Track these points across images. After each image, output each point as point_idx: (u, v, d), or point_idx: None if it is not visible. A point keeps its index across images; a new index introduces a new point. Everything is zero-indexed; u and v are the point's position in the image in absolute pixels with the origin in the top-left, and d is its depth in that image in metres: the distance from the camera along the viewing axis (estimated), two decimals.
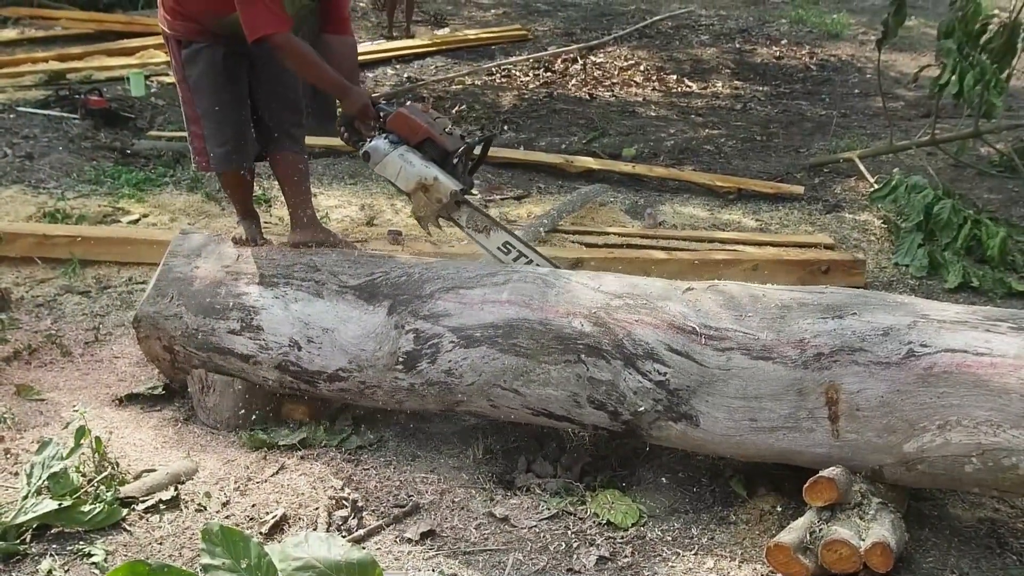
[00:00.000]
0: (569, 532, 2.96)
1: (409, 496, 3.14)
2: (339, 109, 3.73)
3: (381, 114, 3.62)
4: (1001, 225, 5.59)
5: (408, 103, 3.65)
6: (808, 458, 2.86)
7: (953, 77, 5.80)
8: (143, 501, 3.04)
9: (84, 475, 3.06)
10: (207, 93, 3.66)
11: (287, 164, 3.88)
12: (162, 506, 3.04)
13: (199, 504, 3.09)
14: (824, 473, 2.72)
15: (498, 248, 3.64)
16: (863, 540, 2.58)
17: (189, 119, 3.76)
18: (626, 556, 2.84)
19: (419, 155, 3.54)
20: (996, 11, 6.74)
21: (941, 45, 6.11)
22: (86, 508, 2.90)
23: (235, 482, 3.21)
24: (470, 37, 11.23)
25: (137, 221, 5.66)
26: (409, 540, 2.91)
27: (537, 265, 3.55)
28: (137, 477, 3.18)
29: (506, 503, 3.11)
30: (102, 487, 3.01)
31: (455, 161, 3.58)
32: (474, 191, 3.77)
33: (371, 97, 3.67)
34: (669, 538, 2.94)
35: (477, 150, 3.76)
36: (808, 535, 2.67)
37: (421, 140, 3.55)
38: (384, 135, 3.58)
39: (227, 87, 3.66)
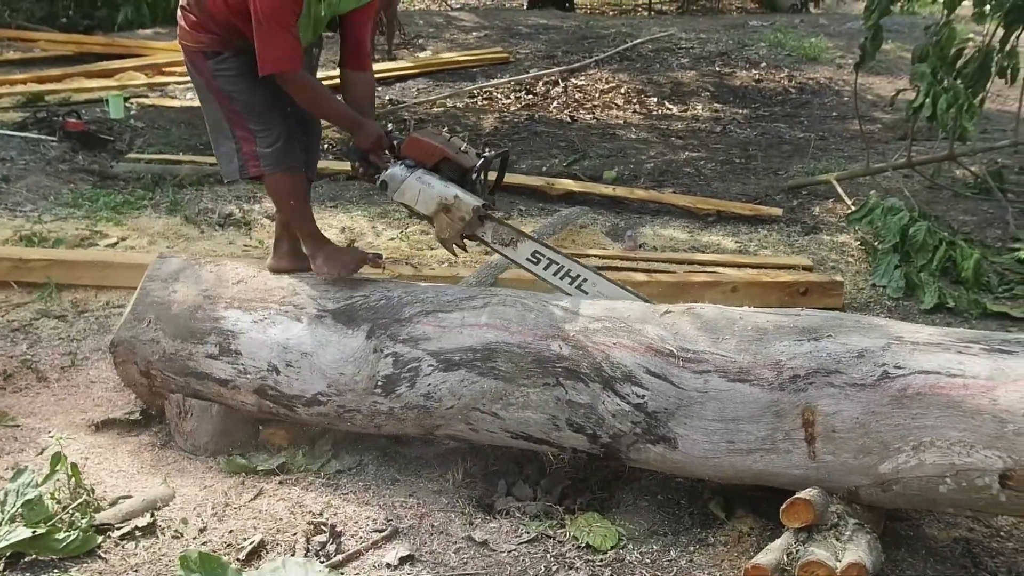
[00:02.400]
0: (548, 556, 2.96)
1: (388, 520, 3.13)
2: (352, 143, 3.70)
3: (394, 142, 3.61)
4: (976, 247, 5.65)
5: (419, 128, 3.63)
6: (785, 479, 2.87)
7: (927, 101, 5.86)
8: (119, 528, 3.02)
9: (59, 502, 3.04)
10: (245, 94, 3.55)
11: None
12: (138, 533, 3.02)
13: (176, 530, 3.07)
14: (801, 494, 2.74)
15: (527, 259, 3.55)
16: (839, 561, 2.58)
17: (232, 124, 3.59)
18: None
19: (437, 176, 3.52)
20: (971, 35, 6.82)
21: (915, 69, 6.18)
22: (61, 535, 2.88)
23: (212, 508, 3.20)
24: (451, 59, 11.27)
25: (115, 244, 5.63)
26: (388, 565, 2.90)
27: (569, 271, 3.49)
28: (113, 503, 3.16)
29: (485, 527, 3.11)
30: (77, 514, 3.00)
31: (474, 177, 3.55)
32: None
33: (383, 127, 3.64)
34: (648, 560, 2.94)
35: (495, 166, 3.73)
36: (785, 556, 2.67)
37: (437, 161, 3.53)
38: (399, 162, 3.57)
39: (265, 88, 3.55)
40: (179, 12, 3.61)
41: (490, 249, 3.67)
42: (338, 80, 3.78)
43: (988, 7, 6.22)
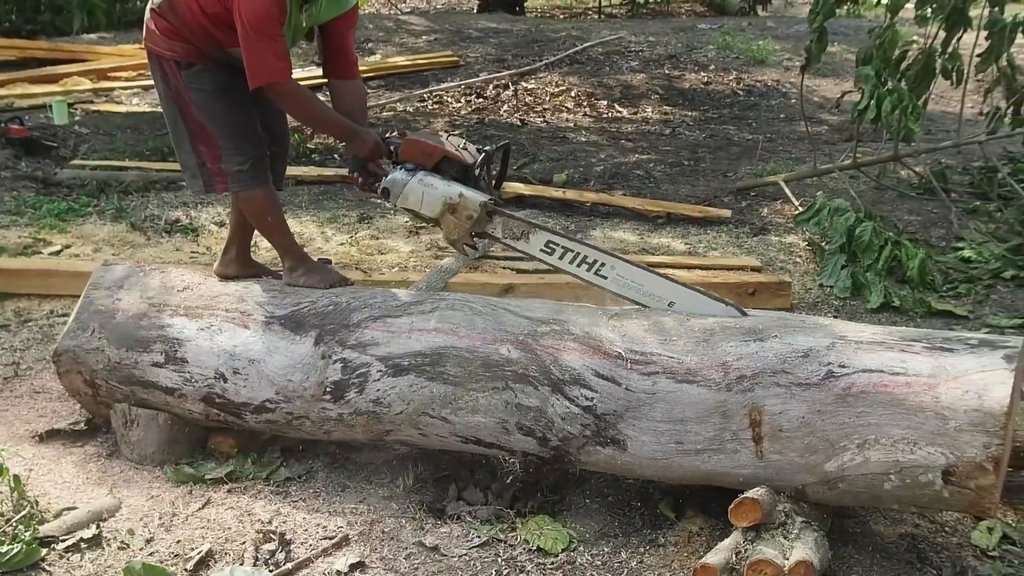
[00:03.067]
0: (500, 559, 2.96)
1: (338, 527, 3.11)
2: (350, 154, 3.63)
3: (391, 147, 3.54)
4: (920, 246, 5.73)
5: (415, 130, 3.55)
6: (734, 479, 2.89)
7: (871, 103, 5.94)
8: (63, 540, 2.98)
9: (2, 515, 2.99)
10: (220, 112, 3.49)
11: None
12: (83, 545, 2.98)
13: (122, 542, 3.03)
14: (748, 494, 2.76)
15: (541, 250, 3.41)
16: (787, 559, 2.61)
17: (196, 139, 3.54)
18: None
19: (439, 177, 3.43)
20: (915, 38, 6.92)
21: (859, 71, 6.26)
22: (3, 549, 2.83)
23: (160, 518, 3.17)
24: (401, 63, 11.23)
25: (59, 252, 5.55)
26: (338, 572, 2.89)
27: (586, 258, 3.34)
28: (57, 515, 3.11)
29: (436, 532, 3.10)
30: (20, 526, 2.95)
31: (477, 173, 3.46)
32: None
33: (380, 133, 3.58)
34: (599, 563, 2.95)
35: (497, 161, 3.66)
36: (734, 555, 2.70)
37: (438, 161, 3.45)
38: (399, 167, 3.48)
39: (239, 105, 3.50)
40: (149, 14, 3.49)
41: (501, 245, 3.57)
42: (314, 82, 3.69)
43: (929, 10, 6.31)
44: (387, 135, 3.62)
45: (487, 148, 3.58)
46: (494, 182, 3.66)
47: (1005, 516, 3.32)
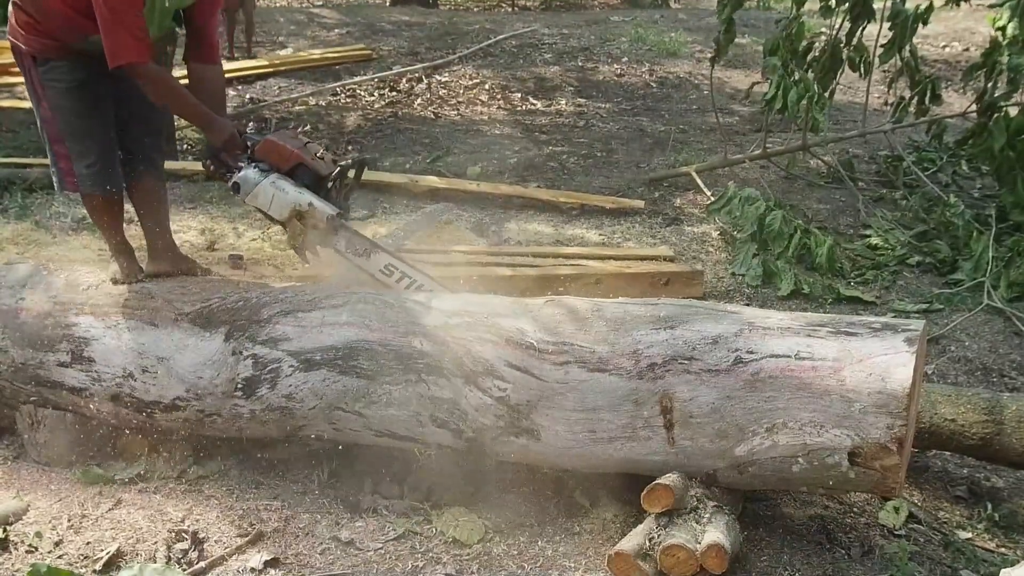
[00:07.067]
0: (416, 552, 2.96)
1: (252, 524, 3.07)
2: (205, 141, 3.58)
3: (249, 143, 3.51)
4: (829, 234, 5.85)
5: (278, 130, 3.54)
6: (647, 466, 2.92)
7: (778, 93, 6.05)
8: None
9: None
10: (69, 112, 3.43)
11: (146, 190, 3.71)
12: None
13: (30, 545, 2.97)
14: (660, 480, 2.79)
15: (380, 271, 3.51)
16: (699, 543, 2.65)
17: (51, 139, 3.50)
18: (472, 573, 2.85)
19: (291, 182, 3.43)
20: (823, 30, 7.06)
21: (767, 63, 6.37)
22: None
23: (69, 520, 3.10)
24: (314, 57, 11.11)
25: None
26: (253, 570, 2.86)
27: (422, 286, 3.46)
28: None
29: (352, 526, 3.09)
30: None
31: (329, 185, 3.47)
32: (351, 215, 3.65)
33: (238, 126, 3.56)
34: (515, 552, 2.96)
35: (351, 174, 3.67)
36: (647, 541, 2.73)
37: (293, 166, 3.45)
38: (253, 164, 3.47)
39: (91, 106, 3.44)
40: (11, 7, 3.41)
41: (344, 259, 3.60)
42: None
43: (834, 1, 6.44)
44: (247, 130, 3.61)
45: (343, 162, 3.59)
46: (346, 195, 3.66)
47: (911, 496, 3.43)
